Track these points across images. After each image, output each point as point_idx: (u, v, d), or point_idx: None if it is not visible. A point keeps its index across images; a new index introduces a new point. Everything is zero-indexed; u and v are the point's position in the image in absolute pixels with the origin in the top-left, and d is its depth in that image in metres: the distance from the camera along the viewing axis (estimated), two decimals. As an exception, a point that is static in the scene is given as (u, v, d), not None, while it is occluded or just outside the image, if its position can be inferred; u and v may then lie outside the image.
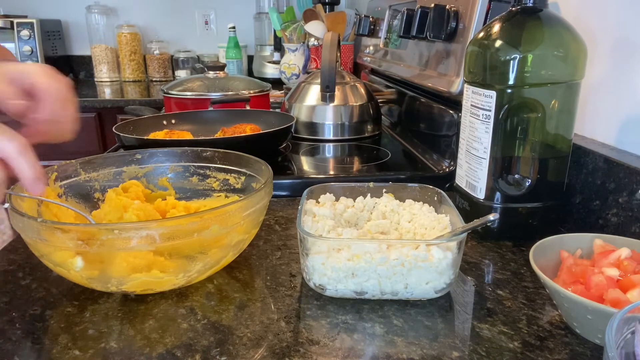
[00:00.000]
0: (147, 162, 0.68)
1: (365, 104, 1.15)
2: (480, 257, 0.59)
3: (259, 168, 0.62)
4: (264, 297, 0.50)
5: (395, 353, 0.42)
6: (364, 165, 0.97)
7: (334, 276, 0.48)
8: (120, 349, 0.43)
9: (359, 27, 1.43)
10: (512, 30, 0.58)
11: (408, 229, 0.57)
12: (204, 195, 0.68)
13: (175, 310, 0.48)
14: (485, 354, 0.42)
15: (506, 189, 0.60)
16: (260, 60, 2.31)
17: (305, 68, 1.82)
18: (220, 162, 0.67)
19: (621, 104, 0.64)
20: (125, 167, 0.66)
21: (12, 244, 0.62)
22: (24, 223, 0.46)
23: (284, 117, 1.08)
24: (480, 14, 0.80)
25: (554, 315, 0.47)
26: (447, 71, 0.87)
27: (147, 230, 0.45)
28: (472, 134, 0.61)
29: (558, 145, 0.60)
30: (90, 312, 0.48)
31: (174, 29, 2.50)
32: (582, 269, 0.46)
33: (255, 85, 1.35)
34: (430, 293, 0.49)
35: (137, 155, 0.67)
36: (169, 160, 0.69)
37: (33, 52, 2.13)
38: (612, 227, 0.59)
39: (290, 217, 0.71)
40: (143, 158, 0.68)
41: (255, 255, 0.59)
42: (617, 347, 0.29)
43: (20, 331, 0.45)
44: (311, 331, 0.45)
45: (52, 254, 0.47)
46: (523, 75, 0.56)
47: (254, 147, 0.91)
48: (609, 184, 0.59)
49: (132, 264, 0.47)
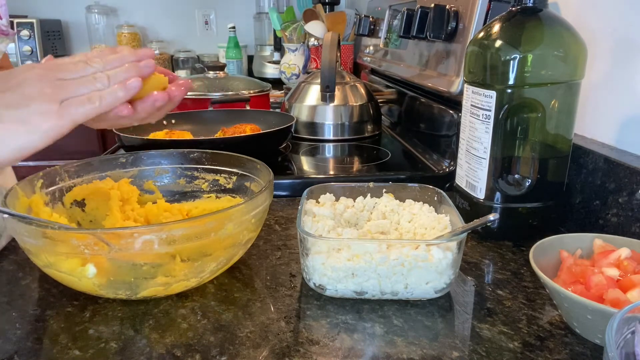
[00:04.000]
0: (131, 166, 0.66)
1: (365, 104, 1.15)
2: (480, 257, 0.59)
3: (253, 167, 0.62)
4: (264, 297, 0.50)
5: (395, 353, 0.42)
6: (364, 165, 0.97)
7: (334, 276, 0.48)
8: (120, 349, 0.43)
9: (359, 27, 1.43)
10: (512, 30, 0.58)
11: (408, 229, 0.57)
12: (193, 197, 0.68)
13: (175, 310, 0.48)
14: (485, 354, 0.42)
15: (506, 189, 0.60)
16: (260, 60, 2.31)
17: (305, 68, 1.82)
18: (209, 163, 0.67)
19: (621, 104, 0.64)
20: (109, 172, 0.64)
21: (12, 243, 0.62)
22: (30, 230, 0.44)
23: (284, 117, 1.08)
24: (480, 14, 0.80)
25: (554, 315, 0.47)
26: (447, 71, 0.87)
27: (167, 232, 0.44)
28: (472, 134, 0.61)
29: (558, 145, 0.60)
30: (90, 312, 0.48)
31: (174, 29, 2.50)
32: (582, 269, 0.46)
33: (255, 85, 1.35)
34: (430, 293, 0.49)
35: (121, 159, 0.65)
36: (154, 164, 0.67)
37: (33, 52, 2.13)
38: (612, 227, 0.59)
39: (290, 217, 0.71)
40: (127, 162, 0.66)
41: (255, 255, 0.59)
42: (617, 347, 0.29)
43: (20, 331, 0.45)
44: (311, 331, 0.45)
45: (60, 262, 0.46)
46: (523, 75, 0.56)
47: (254, 147, 0.91)
48: (609, 184, 0.59)
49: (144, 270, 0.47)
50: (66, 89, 0.46)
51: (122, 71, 0.48)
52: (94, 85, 0.47)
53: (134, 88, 0.48)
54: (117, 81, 0.48)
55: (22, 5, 2.34)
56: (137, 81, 0.48)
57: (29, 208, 0.53)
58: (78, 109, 0.45)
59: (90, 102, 0.46)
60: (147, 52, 0.51)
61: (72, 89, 0.46)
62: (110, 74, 0.48)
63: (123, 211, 0.60)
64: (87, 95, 0.46)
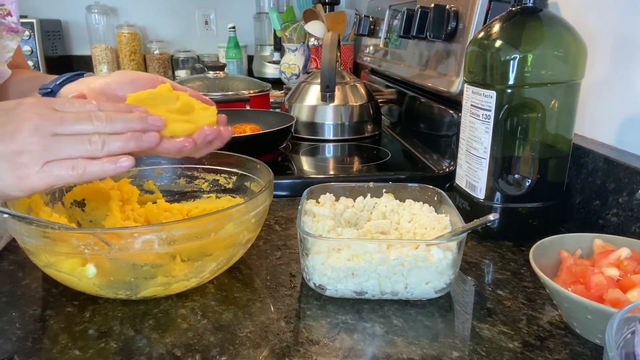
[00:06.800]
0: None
1: (365, 104, 1.15)
2: (480, 257, 0.59)
3: (253, 167, 0.62)
4: (264, 297, 0.50)
5: (395, 353, 0.42)
6: (364, 165, 0.97)
7: (334, 276, 0.48)
8: (120, 349, 0.43)
9: (359, 27, 1.43)
10: (512, 30, 0.58)
11: (408, 229, 0.57)
12: (193, 197, 0.68)
13: (175, 310, 0.48)
14: (485, 354, 0.42)
15: (506, 189, 0.60)
16: (260, 60, 2.31)
17: (305, 68, 1.82)
18: (209, 163, 0.66)
19: (621, 104, 0.64)
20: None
21: (12, 243, 0.62)
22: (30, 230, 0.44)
23: (284, 117, 1.08)
24: (480, 14, 0.80)
25: (554, 315, 0.47)
26: (447, 71, 0.87)
27: (167, 232, 0.44)
28: (472, 134, 0.61)
29: (558, 145, 0.60)
30: (90, 312, 0.48)
31: (174, 29, 2.50)
32: (582, 269, 0.46)
33: (255, 85, 1.35)
34: (430, 293, 0.49)
35: None
36: (154, 163, 0.67)
37: (33, 52, 2.13)
38: (612, 227, 0.59)
39: (290, 217, 0.71)
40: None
41: (255, 255, 0.59)
42: (617, 347, 0.29)
43: (20, 331, 0.45)
44: (311, 331, 0.45)
45: (60, 262, 0.46)
46: (523, 75, 0.56)
47: (254, 147, 0.91)
48: (609, 184, 0.59)
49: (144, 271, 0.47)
50: (56, 150, 0.43)
51: (121, 140, 0.45)
52: (86, 147, 0.44)
53: (124, 168, 0.45)
54: (110, 151, 0.44)
55: (22, 5, 2.32)
56: (128, 161, 0.45)
57: (29, 208, 0.53)
58: (60, 172, 0.43)
59: (74, 169, 0.43)
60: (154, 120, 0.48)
61: (62, 150, 0.43)
62: (107, 141, 0.44)
63: (123, 211, 0.60)
64: (73, 161, 0.43)
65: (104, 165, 0.44)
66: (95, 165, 0.44)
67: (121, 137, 0.45)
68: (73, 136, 0.44)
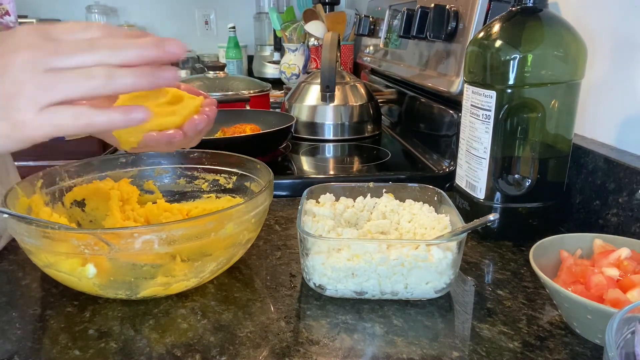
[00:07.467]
0: (131, 166, 0.66)
1: (365, 104, 1.15)
2: (480, 257, 0.59)
3: (253, 167, 0.62)
4: (264, 297, 0.50)
5: (395, 353, 0.42)
6: (364, 165, 0.97)
7: (334, 276, 0.48)
8: (120, 348, 0.43)
9: (359, 27, 1.43)
10: (512, 30, 0.58)
11: (408, 229, 0.57)
12: (193, 197, 0.67)
13: (175, 310, 0.48)
14: (485, 354, 0.42)
15: (506, 189, 0.60)
16: (260, 60, 2.31)
17: (305, 68, 1.82)
18: (209, 163, 0.66)
19: (621, 104, 0.64)
20: (109, 172, 0.64)
21: (12, 243, 0.62)
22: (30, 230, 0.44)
23: (284, 117, 1.08)
24: (480, 14, 0.80)
25: (554, 315, 0.47)
26: (447, 71, 0.87)
27: (167, 232, 0.44)
28: (472, 134, 0.61)
29: (558, 145, 0.60)
30: (90, 312, 0.48)
31: (174, 29, 2.50)
32: (582, 269, 0.46)
33: (255, 85, 1.35)
34: (430, 293, 0.49)
35: (121, 159, 0.65)
36: (154, 163, 0.67)
37: (33, 52, 2.13)
38: (612, 227, 0.59)
39: (290, 217, 0.71)
40: (127, 162, 0.65)
41: (255, 255, 0.59)
42: (617, 347, 0.29)
43: (20, 331, 0.45)
44: (311, 331, 0.45)
45: (60, 262, 0.46)
46: (523, 75, 0.56)
47: (254, 147, 0.91)
48: (609, 184, 0.59)
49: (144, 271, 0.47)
50: (51, 89, 0.36)
51: (131, 75, 0.37)
52: (88, 83, 0.36)
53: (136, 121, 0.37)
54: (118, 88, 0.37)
55: (22, 5, 2.34)
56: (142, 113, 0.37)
57: (29, 208, 0.53)
58: (61, 122, 0.36)
59: (76, 119, 0.36)
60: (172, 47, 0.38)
61: (59, 88, 0.36)
62: (114, 75, 0.36)
63: (123, 211, 0.60)
64: (75, 108, 0.37)
65: (111, 115, 0.37)
66: (102, 115, 0.37)
67: (132, 72, 0.37)
68: (71, 70, 0.36)
